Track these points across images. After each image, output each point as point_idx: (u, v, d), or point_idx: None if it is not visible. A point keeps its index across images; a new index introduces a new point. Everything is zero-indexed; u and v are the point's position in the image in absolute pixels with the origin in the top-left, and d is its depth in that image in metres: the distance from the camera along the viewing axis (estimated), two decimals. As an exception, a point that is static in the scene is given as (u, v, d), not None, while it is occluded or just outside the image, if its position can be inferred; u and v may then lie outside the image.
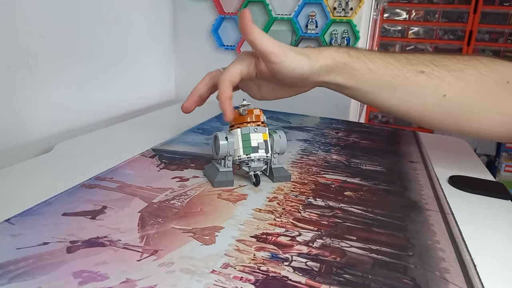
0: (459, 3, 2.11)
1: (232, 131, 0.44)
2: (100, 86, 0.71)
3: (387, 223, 0.37)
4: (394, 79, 0.46)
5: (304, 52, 0.46)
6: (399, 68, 0.46)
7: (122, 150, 0.52)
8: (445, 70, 0.46)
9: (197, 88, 0.49)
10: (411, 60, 0.47)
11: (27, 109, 0.57)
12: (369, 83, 0.47)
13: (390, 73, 0.46)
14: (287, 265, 0.29)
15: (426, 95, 0.46)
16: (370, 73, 0.46)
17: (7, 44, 0.52)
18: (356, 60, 0.47)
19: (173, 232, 0.33)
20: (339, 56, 0.46)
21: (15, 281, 0.26)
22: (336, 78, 0.47)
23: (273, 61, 0.44)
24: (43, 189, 0.39)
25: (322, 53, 0.46)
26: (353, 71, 0.47)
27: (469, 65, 0.46)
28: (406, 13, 2.22)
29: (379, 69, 0.46)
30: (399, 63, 0.47)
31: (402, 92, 0.47)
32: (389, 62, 0.47)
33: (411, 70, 0.46)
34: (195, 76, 0.92)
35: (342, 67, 0.46)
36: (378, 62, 0.47)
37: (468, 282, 0.29)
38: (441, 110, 0.47)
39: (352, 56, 0.47)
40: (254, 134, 0.43)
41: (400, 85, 0.46)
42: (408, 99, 0.47)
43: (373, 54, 0.47)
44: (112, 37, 0.73)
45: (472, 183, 0.49)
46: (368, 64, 0.46)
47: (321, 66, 0.46)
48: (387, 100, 0.48)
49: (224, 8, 0.84)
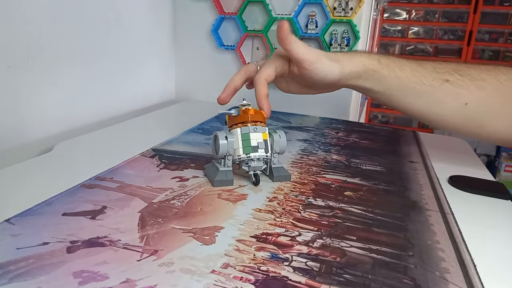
0: (459, 3, 2.11)
1: (232, 131, 0.44)
2: (100, 86, 0.71)
3: (387, 223, 0.37)
4: (421, 87, 0.49)
5: (335, 58, 0.49)
6: (425, 76, 0.49)
7: (122, 150, 0.52)
8: (469, 79, 0.48)
9: (233, 80, 0.50)
10: (437, 68, 0.49)
11: (27, 109, 0.57)
12: (395, 89, 0.50)
13: (416, 80, 0.49)
14: (287, 265, 0.29)
15: (449, 102, 0.49)
16: (397, 80, 0.49)
17: (7, 44, 0.52)
18: (386, 68, 0.49)
19: (173, 232, 0.33)
20: (369, 63, 0.49)
21: (15, 281, 0.26)
22: (364, 83, 0.50)
23: (306, 67, 0.47)
24: (43, 189, 0.39)
25: (354, 59, 0.49)
26: (382, 77, 0.49)
27: (491, 75, 0.48)
28: (406, 13, 2.22)
29: (407, 77, 0.49)
30: (425, 71, 0.49)
31: (427, 98, 0.49)
32: (417, 70, 0.49)
33: (437, 78, 0.48)
34: (195, 76, 0.93)
35: (371, 73, 0.49)
36: (407, 70, 0.49)
37: (468, 282, 0.29)
38: (461, 116, 0.49)
39: (382, 63, 0.49)
40: (254, 134, 0.43)
41: (425, 92, 0.49)
42: (431, 105, 0.49)
43: (402, 61, 0.50)
44: (112, 37, 0.73)
45: (472, 183, 0.49)
46: (397, 72, 0.49)
47: (351, 72, 0.49)
48: (411, 105, 0.50)
49: (224, 8, 0.84)
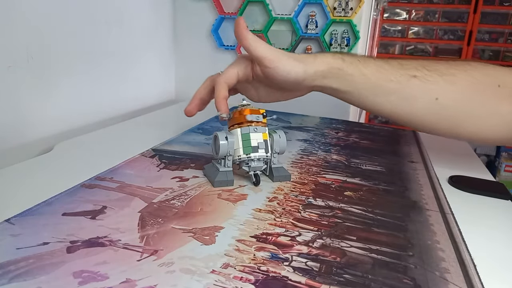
0: (459, 3, 2.11)
1: (232, 131, 0.44)
2: (100, 86, 0.71)
3: (387, 223, 0.37)
4: (388, 84, 0.47)
5: (299, 58, 0.47)
6: (392, 73, 0.47)
7: (122, 150, 0.52)
8: (437, 74, 0.47)
9: (198, 91, 0.50)
10: (404, 65, 0.48)
11: (27, 109, 0.57)
12: (363, 87, 0.48)
13: (383, 77, 0.47)
14: (287, 265, 0.29)
15: (418, 98, 0.47)
16: (364, 77, 0.48)
17: (7, 44, 0.52)
18: (350, 65, 0.48)
19: (173, 232, 0.33)
20: (334, 62, 0.48)
21: (15, 281, 0.26)
22: (331, 83, 0.48)
23: (267, 65, 0.46)
24: (43, 189, 0.39)
25: (318, 59, 0.48)
26: (347, 76, 0.48)
27: (461, 70, 0.47)
28: (406, 13, 2.22)
29: (373, 74, 0.48)
30: (392, 68, 0.48)
31: (396, 96, 0.48)
32: (383, 67, 0.48)
33: (404, 74, 0.47)
34: (195, 76, 0.92)
35: (336, 72, 0.48)
36: (372, 67, 0.48)
37: (468, 282, 0.29)
38: (432, 113, 0.48)
39: (347, 61, 0.48)
40: (254, 134, 0.43)
41: (393, 89, 0.47)
42: (401, 103, 0.48)
43: (367, 59, 0.49)
44: (112, 37, 0.73)
45: (472, 183, 0.49)
46: (362, 69, 0.48)
47: (316, 71, 0.47)
48: (381, 104, 0.49)
49: (224, 8, 0.84)
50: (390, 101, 0.48)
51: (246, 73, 0.48)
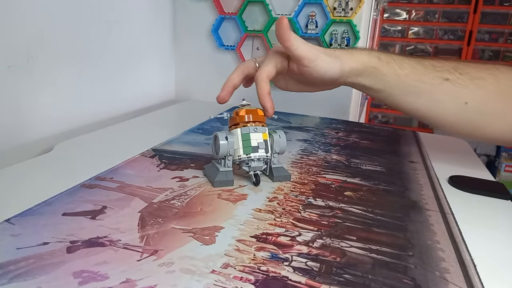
0: (459, 3, 2.11)
1: (232, 131, 0.44)
2: (100, 86, 0.71)
3: (387, 223, 0.37)
4: (421, 85, 0.48)
5: (336, 55, 0.48)
6: (425, 74, 0.48)
7: (122, 150, 0.52)
8: (468, 78, 0.47)
9: (231, 78, 0.49)
10: (437, 67, 0.48)
11: (27, 109, 0.57)
12: (395, 87, 0.49)
13: (416, 78, 0.48)
14: (287, 265, 0.29)
15: (449, 101, 0.48)
16: (397, 78, 0.48)
17: (7, 44, 0.52)
18: (386, 65, 0.48)
19: (173, 232, 0.33)
20: (370, 60, 0.48)
21: (15, 281, 0.26)
22: (364, 81, 0.49)
23: (306, 64, 0.46)
24: (43, 189, 0.39)
25: (354, 56, 0.48)
26: (381, 75, 0.48)
27: (490, 74, 0.47)
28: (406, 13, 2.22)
29: (407, 75, 0.48)
30: (425, 69, 0.48)
31: (427, 97, 0.48)
32: (416, 68, 0.48)
33: (437, 77, 0.48)
34: (195, 76, 0.93)
35: (372, 71, 0.48)
36: (406, 68, 0.48)
37: (468, 282, 0.29)
38: (461, 116, 0.48)
39: (382, 60, 0.48)
40: (254, 134, 0.43)
41: (425, 91, 0.48)
42: (431, 105, 0.49)
43: (402, 59, 0.49)
44: (112, 37, 0.73)
45: (472, 183, 0.49)
46: (397, 70, 0.48)
47: (352, 69, 0.48)
48: (410, 104, 0.50)
49: (224, 8, 0.84)
50: (419, 102, 0.49)
51: (283, 66, 0.49)
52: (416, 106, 0.50)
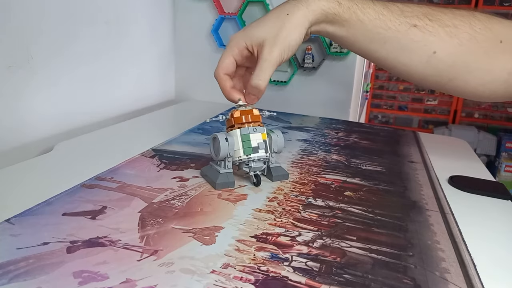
0: (459, 3, 2.11)
1: (231, 132, 0.44)
2: (100, 86, 0.71)
3: (387, 223, 0.37)
4: (386, 31, 0.45)
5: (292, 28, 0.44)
6: (391, 19, 0.45)
7: (122, 150, 0.52)
8: (439, 25, 0.44)
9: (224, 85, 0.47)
10: (405, 12, 0.45)
11: (27, 109, 0.57)
12: (359, 33, 0.46)
13: (381, 24, 0.45)
14: (287, 265, 0.29)
15: (416, 50, 0.45)
16: (360, 24, 0.46)
17: (7, 44, 0.52)
18: (347, 11, 0.45)
19: (173, 232, 0.33)
20: (329, 6, 0.45)
21: (15, 281, 0.26)
22: (326, 28, 0.47)
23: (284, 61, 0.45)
24: (43, 189, 0.39)
25: (311, 6, 0.45)
26: (343, 21, 0.46)
27: (465, 22, 0.44)
28: (406, 13, 2.22)
29: (371, 20, 0.45)
30: (391, 14, 0.45)
31: (392, 45, 0.46)
32: (382, 13, 0.45)
33: (404, 22, 0.45)
34: (195, 76, 0.93)
35: (332, 17, 0.46)
36: (370, 13, 0.45)
37: (468, 282, 0.29)
38: (428, 66, 0.46)
39: (343, 6, 0.46)
40: (253, 135, 0.43)
41: (390, 37, 0.45)
42: (397, 53, 0.46)
43: (366, 4, 0.46)
44: (112, 37, 0.73)
45: (472, 183, 0.49)
46: (359, 15, 0.45)
47: (311, 22, 0.45)
48: (376, 52, 0.47)
49: (224, 8, 0.84)
50: (385, 49, 0.46)
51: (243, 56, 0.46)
52: (382, 54, 0.47)
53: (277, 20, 0.45)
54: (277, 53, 0.44)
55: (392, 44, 0.46)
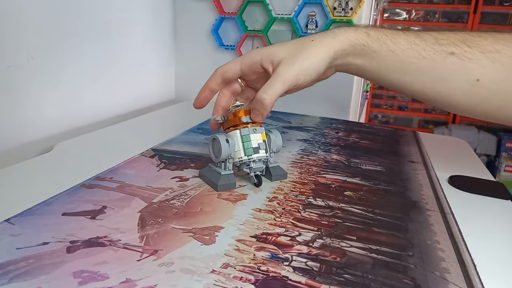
0: (459, 3, 2.11)
1: (230, 133, 0.44)
2: (100, 86, 0.71)
3: (387, 223, 0.37)
4: (420, 61, 0.42)
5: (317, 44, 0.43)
6: (425, 49, 0.42)
7: (122, 150, 0.52)
8: (479, 51, 0.41)
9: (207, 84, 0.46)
10: (440, 40, 0.42)
11: (27, 109, 0.57)
12: (391, 65, 0.43)
13: (415, 54, 0.42)
14: (287, 265, 0.29)
15: (457, 79, 0.42)
16: (392, 54, 0.43)
17: (7, 44, 0.52)
18: (377, 41, 0.43)
19: (173, 232, 0.33)
20: (356, 37, 0.43)
21: (15, 281, 0.26)
22: (355, 60, 0.44)
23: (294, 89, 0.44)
24: (43, 189, 0.39)
25: (337, 37, 0.44)
26: (373, 52, 0.43)
27: (507, 45, 0.41)
28: (406, 13, 2.22)
29: (403, 51, 0.43)
30: (425, 43, 0.42)
31: (429, 75, 0.43)
32: (414, 42, 0.43)
33: (440, 51, 0.42)
34: (195, 76, 0.93)
35: (361, 49, 0.43)
36: (402, 43, 0.43)
37: (468, 282, 0.29)
38: (472, 95, 0.42)
39: (372, 36, 0.43)
40: (254, 135, 0.43)
41: (426, 67, 0.42)
42: (435, 84, 0.43)
43: (396, 33, 0.44)
44: (112, 37, 0.73)
45: (472, 183, 0.49)
46: (390, 45, 0.43)
47: (336, 51, 0.43)
48: (412, 84, 0.44)
49: (224, 8, 0.84)
50: (422, 81, 0.43)
51: (252, 69, 0.45)
52: (419, 86, 0.44)
53: (299, 44, 0.44)
54: (292, 73, 0.42)
55: (429, 75, 0.43)
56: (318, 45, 0.43)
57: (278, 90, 0.42)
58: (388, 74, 0.44)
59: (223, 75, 0.45)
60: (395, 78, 0.44)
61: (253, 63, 0.44)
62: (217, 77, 0.46)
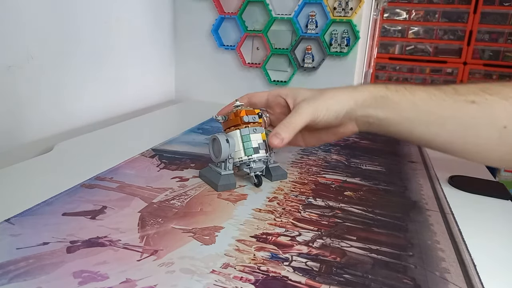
0: (459, 3, 2.11)
1: (230, 133, 0.44)
2: (100, 86, 0.71)
3: (387, 223, 0.37)
4: (442, 112, 0.41)
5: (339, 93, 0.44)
6: (445, 99, 0.42)
7: (122, 150, 0.52)
8: (501, 98, 0.40)
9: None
10: (459, 90, 0.42)
11: (27, 109, 0.57)
12: (413, 116, 0.42)
13: (435, 104, 0.42)
14: (287, 265, 0.29)
15: (482, 127, 0.41)
16: (413, 105, 0.42)
17: (7, 44, 0.52)
18: (396, 93, 0.43)
19: (173, 232, 0.33)
20: (376, 90, 0.44)
21: (15, 281, 0.26)
22: (376, 113, 0.43)
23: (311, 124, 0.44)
24: (43, 189, 0.39)
25: (358, 89, 0.45)
26: (394, 104, 0.43)
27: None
28: (406, 13, 2.22)
29: (423, 101, 0.42)
30: (445, 94, 0.42)
31: (453, 125, 0.41)
32: (433, 93, 0.42)
33: (460, 100, 0.41)
34: (195, 76, 0.93)
35: (381, 100, 0.43)
36: (421, 94, 0.43)
37: (468, 282, 0.29)
38: (502, 143, 0.41)
39: (391, 89, 0.44)
40: (254, 135, 0.43)
41: (449, 117, 0.41)
42: (461, 133, 0.42)
43: (415, 86, 0.44)
44: (112, 37, 0.73)
45: (472, 183, 0.49)
46: (409, 96, 0.43)
47: (357, 101, 0.43)
48: (437, 136, 0.43)
49: (224, 8, 0.84)
50: (447, 131, 0.42)
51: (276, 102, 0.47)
52: (445, 138, 0.42)
53: (323, 90, 0.45)
54: (311, 109, 0.42)
55: (453, 125, 0.41)
56: (340, 91, 0.44)
57: (297, 122, 0.42)
58: (411, 126, 0.43)
59: (250, 98, 0.47)
60: (420, 131, 0.43)
61: (278, 95, 0.47)
62: (244, 98, 0.48)
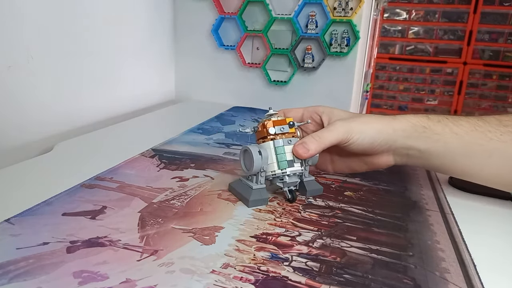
0: (459, 3, 2.11)
1: (263, 144, 0.40)
2: (100, 86, 0.71)
3: (387, 223, 0.37)
4: (487, 143, 0.39)
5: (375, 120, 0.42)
6: (490, 130, 0.40)
7: (122, 150, 0.52)
8: None
9: None
10: (504, 121, 0.40)
11: (27, 109, 0.57)
12: (456, 148, 0.40)
13: (480, 136, 0.40)
14: (287, 265, 0.29)
15: None
16: (456, 137, 0.40)
17: (7, 44, 0.52)
18: (438, 124, 0.41)
19: (173, 232, 0.33)
20: (417, 120, 0.41)
21: (15, 281, 0.26)
22: (417, 144, 0.41)
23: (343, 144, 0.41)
24: (43, 189, 0.39)
25: (397, 118, 0.42)
26: (436, 135, 0.40)
27: None
28: (406, 13, 2.22)
29: (467, 133, 0.40)
30: (489, 125, 0.40)
31: (500, 157, 0.39)
32: (477, 124, 0.40)
33: (506, 132, 0.39)
34: (195, 76, 0.93)
35: (422, 131, 0.41)
36: (464, 125, 0.40)
37: (468, 282, 0.29)
38: None
39: (432, 119, 0.41)
40: (288, 147, 0.40)
41: (495, 149, 0.39)
42: (509, 167, 0.40)
43: (457, 117, 0.42)
44: (113, 37, 0.73)
45: (472, 183, 0.48)
46: (452, 127, 0.40)
47: (395, 130, 0.41)
48: (482, 169, 0.40)
49: (224, 8, 0.84)
50: (494, 163, 0.40)
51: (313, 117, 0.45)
52: (492, 170, 0.40)
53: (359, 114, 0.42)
54: (345, 128, 0.40)
55: (500, 157, 0.39)
56: (377, 118, 0.42)
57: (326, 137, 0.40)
58: (455, 159, 0.41)
59: (286, 114, 0.45)
60: (464, 164, 0.41)
61: (314, 111, 0.45)
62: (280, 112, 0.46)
